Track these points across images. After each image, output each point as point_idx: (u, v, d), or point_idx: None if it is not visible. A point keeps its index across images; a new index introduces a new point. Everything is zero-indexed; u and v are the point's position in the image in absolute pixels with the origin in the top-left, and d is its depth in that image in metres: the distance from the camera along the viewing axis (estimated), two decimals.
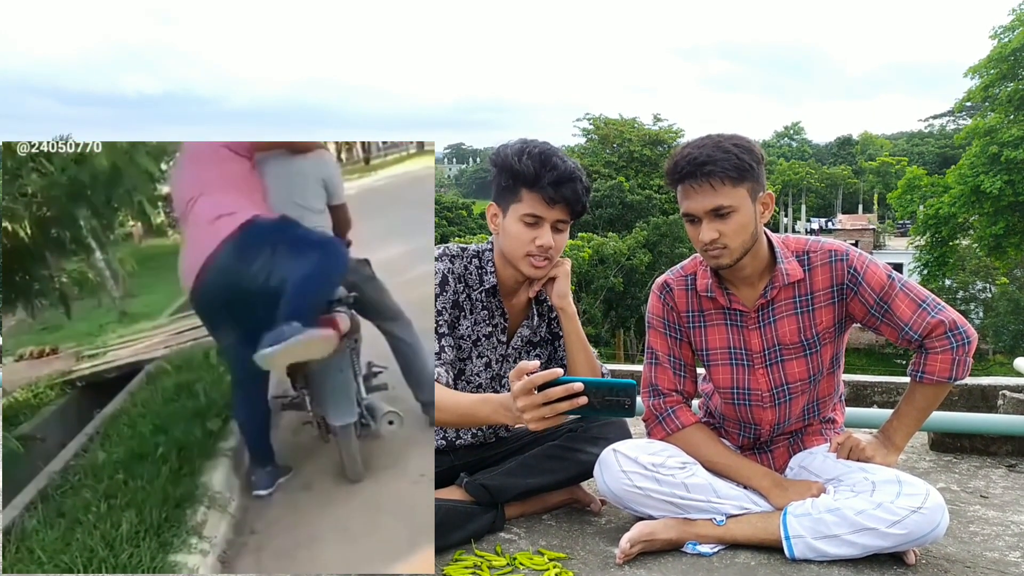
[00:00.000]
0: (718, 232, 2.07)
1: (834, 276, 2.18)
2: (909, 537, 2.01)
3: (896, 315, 2.15)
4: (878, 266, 2.19)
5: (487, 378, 2.39)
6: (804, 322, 2.20)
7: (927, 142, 69.24)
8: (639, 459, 2.20)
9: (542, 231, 2.21)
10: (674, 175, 2.11)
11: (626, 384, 1.80)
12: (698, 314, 2.29)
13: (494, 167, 2.26)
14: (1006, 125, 25.46)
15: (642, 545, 2.13)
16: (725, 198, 2.06)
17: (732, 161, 2.05)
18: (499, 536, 2.30)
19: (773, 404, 2.27)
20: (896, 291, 2.15)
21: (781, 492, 2.20)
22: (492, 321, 2.37)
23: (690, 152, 2.08)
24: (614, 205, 31.26)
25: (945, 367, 2.14)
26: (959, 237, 29.15)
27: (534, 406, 1.80)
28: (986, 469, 2.92)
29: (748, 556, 2.13)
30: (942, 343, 2.13)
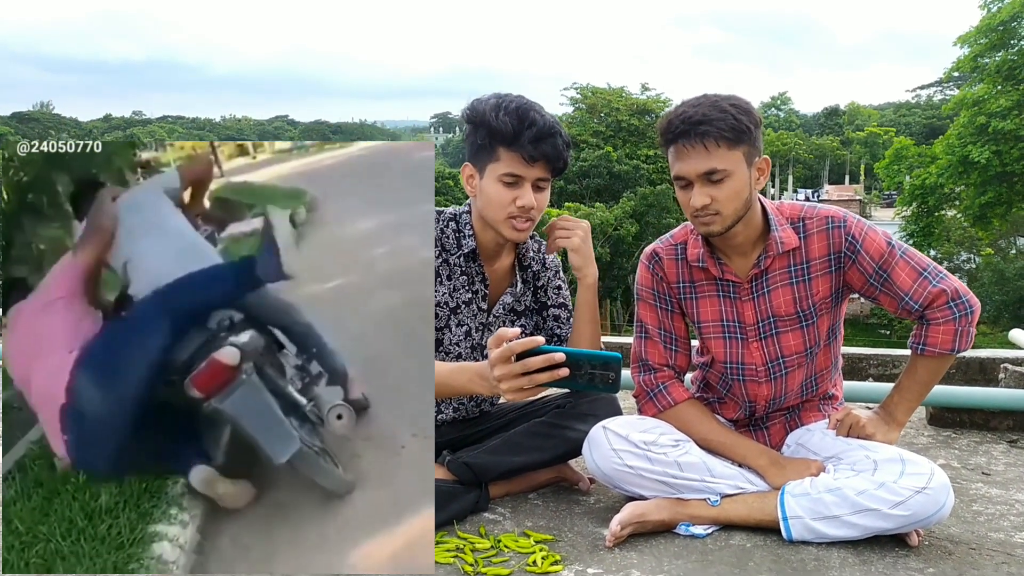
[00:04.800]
0: (710, 197, 1.96)
1: (831, 244, 2.08)
2: (913, 518, 1.92)
3: (896, 284, 2.05)
4: (877, 233, 2.09)
5: (467, 347, 2.29)
6: (800, 292, 2.10)
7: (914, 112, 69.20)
8: (630, 437, 2.10)
9: (523, 191, 2.10)
10: (667, 134, 2.00)
11: (611, 357, 1.72)
12: (689, 285, 2.19)
13: (468, 124, 2.14)
14: (994, 95, 25.42)
15: (633, 527, 2.04)
16: (719, 161, 1.94)
17: (729, 122, 1.93)
18: (483, 517, 2.20)
19: (768, 378, 2.17)
20: (896, 259, 2.05)
21: (778, 471, 2.10)
22: (472, 287, 2.26)
23: (685, 111, 1.96)
24: (601, 175, 31.17)
25: (948, 338, 2.04)
26: (945, 208, 29.21)
27: (512, 375, 1.72)
28: (987, 445, 2.84)
29: (743, 538, 2.04)
30: (944, 313, 2.04)
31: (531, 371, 1.71)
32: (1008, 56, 25.48)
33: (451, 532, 2.08)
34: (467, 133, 2.16)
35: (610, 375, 1.72)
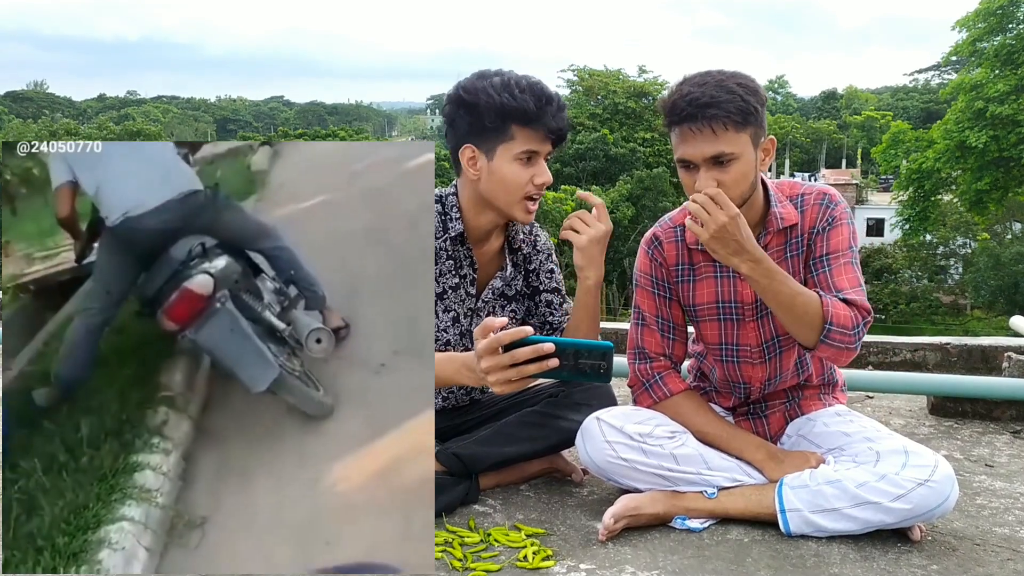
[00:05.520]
0: (716, 181, 1.88)
1: (819, 218, 2.02)
2: (915, 512, 1.86)
3: (834, 276, 1.97)
4: (849, 229, 2.02)
5: (455, 334, 2.22)
6: (794, 266, 2.03)
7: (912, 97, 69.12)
8: (624, 428, 2.03)
9: (540, 168, 2.06)
10: (671, 116, 1.91)
11: (603, 347, 1.65)
12: (688, 267, 2.12)
13: (464, 106, 2.05)
14: (992, 80, 25.35)
15: (627, 520, 1.97)
16: (727, 144, 1.87)
17: (737, 103, 1.85)
18: (473, 509, 2.14)
19: (763, 359, 2.11)
20: (847, 260, 1.98)
21: (776, 465, 2.04)
22: (459, 272, 2.19)
23: (690, 91, 1.88)
24: (598, 158, 31.11)
25: (845, 319, 1.88)
26: (941, 192, 29.19)
27: (499, 367, 1.66)
28: (989, 435, 2.78)
29: (741, 532, 1.98)
30: (855, 315, 1.91)
31: (520, 362, 1.65)
32: (1006, 41, 25.41)
33: (440, 525, 2.01)
34: (460, 115, 2.07)
35: (602, 365, 1.66)
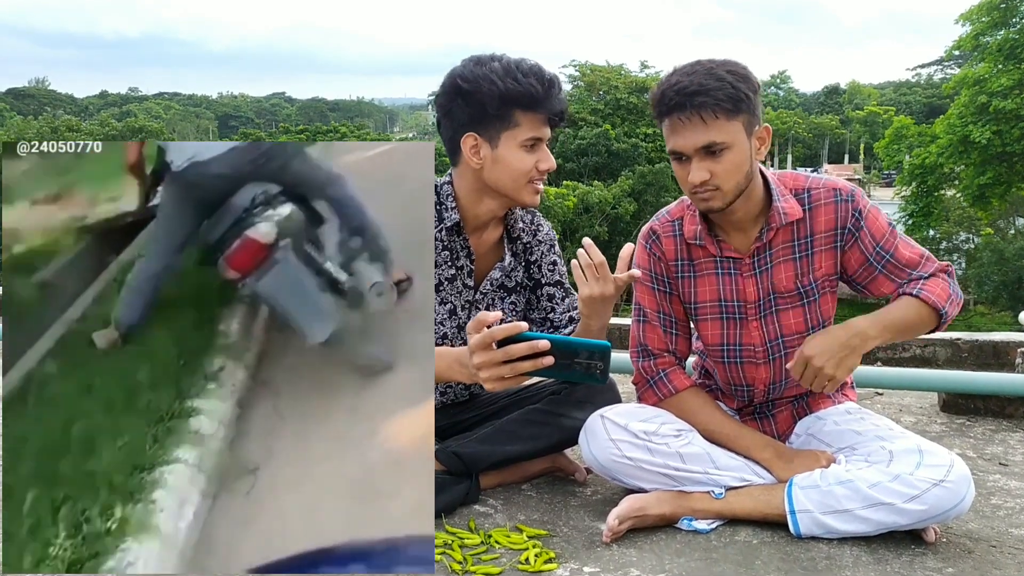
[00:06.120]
0: (709, 172, 1.83)
1: (838, 217, 1.96)
2: (930, 513, 1.80)
3: (901, 262, 1.96)
4: (880, 213, 1.99)
5: (452, 327, 2.16)
6: (801, 267, 1.98)
7: (914, 91, 68.92)
8: (629, 426, 1.97)
9: (544, 152, 2.04)
10: (660, 107, 1.86)
11: (601, 346, 1.61)
12: (687, 263, 2.06)
13: (463, 94, 1.99)
14: (996, 74, 25.22)
15: (632, 521, 1.92)
16: (718, 133, 1.81)
17: (726, 91, 1.80)
18: (473, 509, 2.08)
19: (767, 360, 2.05)
20: (897, 239, 1.98)
21: (785, 464, 1.98)
22: (456, 263, 2.14)
23: (678, 80, 1.82)
24: (600, 153, 31.04)
25: (943, 293, 1.93)
26: (944, 187, 29.08)
27: (492, 363, 1.62)
28: (1003, 433, 2.71)
29: (749, 533, 1.92)
30: (944, 280, 1.96)
31: (513, 359, 1.60)
32: (1010, 35, 25.27)
33: (439, 526, 1.96)
34: (458, 104, 2.01)
35: (599, 365, 1.62)
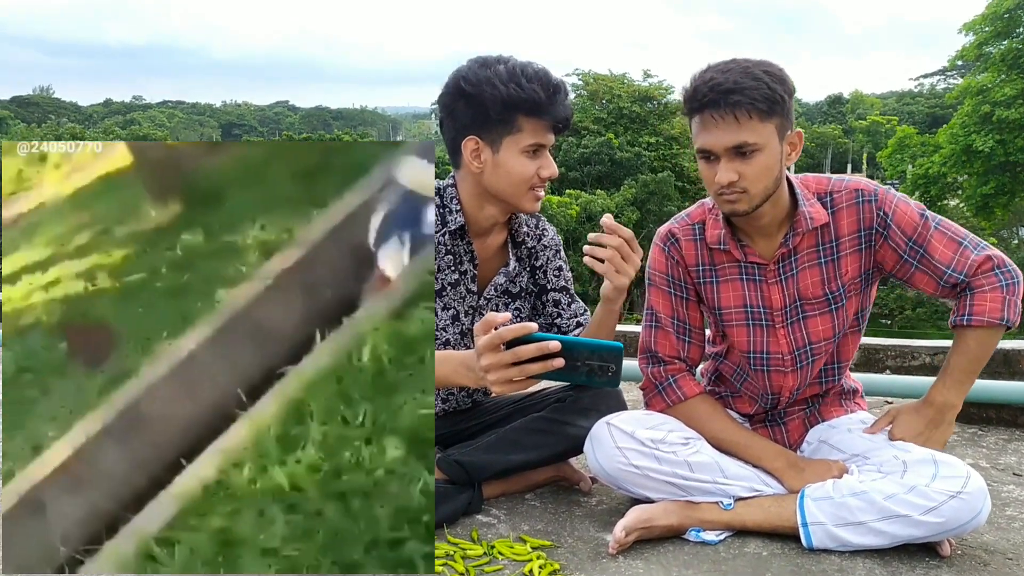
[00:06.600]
0: (738, 174, 1.78)
1: (861, 219, 1.90)
2: (946, 526, 1.75)
3: (934, 258, 1.87)
4: (910, 204, 1.90)
5: (455, 333, 2.11)
6: (828, 272, 1.93)
7: (917, 101, 68.89)
8: (636, 434, 1.93)
9: (546, 159, 1.99)
10: (693, 103, 1.80)
11: (613, 347, 1.56)
12: (709, 268, 2.01)
13: (466, 97, 1.95)
14: (999, 84, 25.24)
15: (639, 532, 1.87)
16: (750, 134, 1.76)
17: (763, 91, 1.75)
18: (476, 520, 2.04)
19: (795, 367, 2.00)
20: (931, 231, 1.88)
21: (797, 474, 1.93)
22: (459, 267, 2.09)
23: (714, 77, 1.77)
24: (603, 162, 31.03)
25: (996, 306, 1.85)
26: (948, 197, 29.05)
27: (500, 365, 1.57)
28: (1016, 442, 2.66)
29: (759, 545, 1.87)
30: (990, 280, 1.86)
31: (522, 361, 1.56)
32: (1013, 44, 25.28)
33: (441, 537, 1.91)
34: (460, 106, 1.97)
35: (610, 367, 1.56)
